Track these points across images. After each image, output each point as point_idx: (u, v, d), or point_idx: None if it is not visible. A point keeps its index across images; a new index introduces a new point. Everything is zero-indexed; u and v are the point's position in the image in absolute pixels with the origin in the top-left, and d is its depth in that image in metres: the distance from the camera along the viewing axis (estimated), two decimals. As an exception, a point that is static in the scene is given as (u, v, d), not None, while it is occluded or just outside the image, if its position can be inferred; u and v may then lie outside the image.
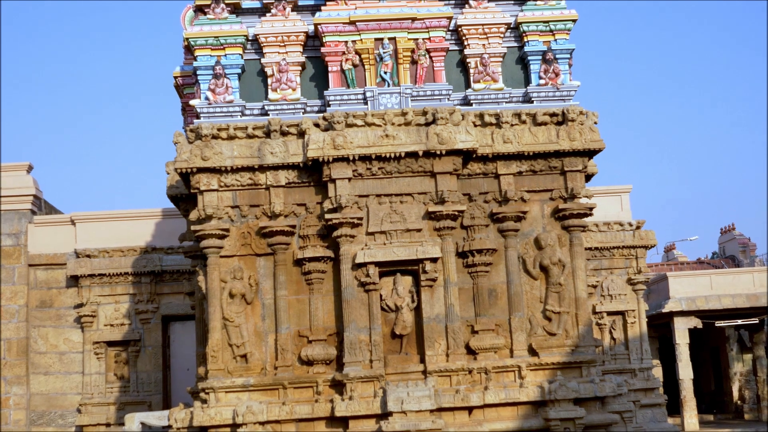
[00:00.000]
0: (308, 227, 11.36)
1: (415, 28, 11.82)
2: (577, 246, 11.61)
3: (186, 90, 14.33)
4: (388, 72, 11.80)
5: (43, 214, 20.67)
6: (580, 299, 11.49)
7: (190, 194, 12.02)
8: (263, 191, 11.41)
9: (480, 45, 12.06)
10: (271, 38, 11.85)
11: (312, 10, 12.19)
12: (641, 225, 20.59)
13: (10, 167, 20.33)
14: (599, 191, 20.73)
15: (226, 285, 11.25)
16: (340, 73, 11.83)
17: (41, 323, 19.76)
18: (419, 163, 11.25)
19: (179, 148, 11.35)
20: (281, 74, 11.77)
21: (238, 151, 11.27)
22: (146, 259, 19.33)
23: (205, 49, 11.86)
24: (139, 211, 20.55)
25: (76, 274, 19.19)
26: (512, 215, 11.46)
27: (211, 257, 11.27)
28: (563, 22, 12.10)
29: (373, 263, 11.07)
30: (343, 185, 11.18)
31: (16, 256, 19.86)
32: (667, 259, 43.21)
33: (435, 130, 11.15)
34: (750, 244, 40.16)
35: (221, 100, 11.71)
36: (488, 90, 11.94)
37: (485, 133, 11.48)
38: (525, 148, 11.45)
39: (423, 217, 11.32)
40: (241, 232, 11.40)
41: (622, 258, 20.39)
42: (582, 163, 11.65)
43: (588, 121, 11.65)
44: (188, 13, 13.96)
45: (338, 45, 11.77)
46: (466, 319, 11.36)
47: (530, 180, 11.67)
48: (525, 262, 11.55)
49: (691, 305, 29.40)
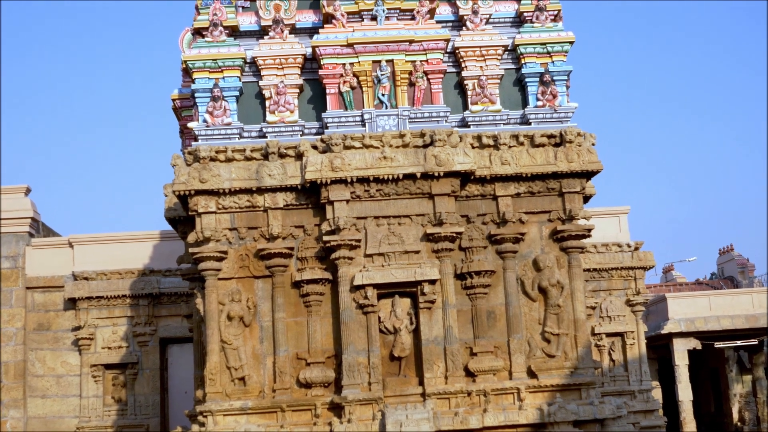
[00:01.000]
0: (306, 249, 11.34)
1: (413, 51, 11.85)
2: (576, 267, 11.60)
3: (184, 112, 14.34)
4: (385, 94, 11.82)
5: (41, 237, 20.65)
6: (578, 321, 11.46)
7: (188, 216, 12.00)
8: (261, 213, 11.40)
9: (477, 67, 12.08)
10: (269, 61, 11.87)
11: (310, 33, 12.22)
12: (639, 246, 20.58)
13: (9, 190, 20.32)
14: (597, 212, 20.74)
15: (224, 307, 11.22)
16: (338, 96, 11.84)
17: (39, 346, 19.69)
18: (417, 185, 11.25)
19: (177, 170, 11.35)
20: (279, 96, 11.78)
21: (236, 173, 11.27)
22: (144, 282, 19.30)
23: (203, 72, 11.88)
24: (137, 233, 20.53)
25: (74, 296, 19.15)
26: (510, 237, 11.45)
27: (209, 279, 11.25)
28: (560, 44, 12.13)
29: (371, 285, 11.04)
30: (341, 207, 11.17)
31: (13, 278, 19.82)
32: (666, 280, 43.17)
33: (433, 152, 11.16)
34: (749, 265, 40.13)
35: (219, 122, 11.72)
36: (486, 112, 11.96)
37: (483, 155, 11.49)
38: (523, 170, 11.45)
39: (421, 238, 11.31)
40: (239, 255, 11.38)
41: (620, 279, 20.37)
42: (580, 184, 11.65)
43: (586, 142, 11.66)
44: (186, 35, 13.99)
45: (336, 67, 11.79)
46: (464, 341, 11.32)
47: (528, 201, 11.66)
48: (523, 284, 11.53)
49: (690, 326, 29.32)
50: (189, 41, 13.78)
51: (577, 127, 11.82)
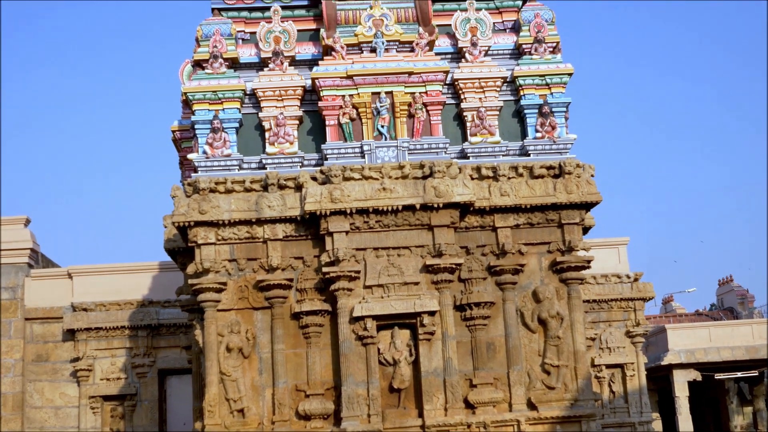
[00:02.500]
0: (306, 281, 11.33)
1: (412, 82, 11.90)
2: (575, 299, 11.58)
3: (184, 144, 14.39)
4: (385, 126, 11.85)
5: (40, 268, 20.64)
6: (578, 352, 11.44)
7: (187, 248, 12.00)
8: (261, 245, 11.40)
9: (476, 99, 12.13)
10: (269, 92, 11.92)
11: (309, 65, 12.28)
12: (639, 277, 20.58)
13: (8, 221, 20.33)
14: (597, 243, 20.73)
15: (223, 339, 11.19)
16: (337, 127, 11.88)
17: (37, 377, 19.63)
18: (416, 217, 11.26)
19: (177, 201, 11.36)
20: (279, 128, 11.82)
21: (235, 204, 11.28)
22: (143, 313, 19.27)
23: (203, 104, 11.92)
24: (136, 264, 20.52)
25: (73, 327, 19.12)
26: (510, 268, 11.45)
27: (209, 311, 11.23)
28: (559, 75, 12.18)
29: (370, 317, 11.03)
30: (341, 238, 11.18)
31: (12, 309, 19.79)
32: (666, 311, 43.13)
33: (432, 183, 11.18)
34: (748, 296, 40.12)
35: (219, 153, 11.75)
36: (485, 143, 11.99)
37: (482, 186, 11.51)
38: (522, 201, 11.47)
39: (420, 270, 11.30)
40: (238, 286, 11.37)
41: (620, 310, 20.35)
42: (579, 215, 11.66)
43: (585, 173, 11.68)
44: (186, 67, 14.07)
45: (335, 99, 11.84)
46: (464, 373, 11.29)
47: (528, 233, 11.67)
48: (523, 315, 11.52)
49: (690, 358, 29.28)
50: (189, 73, 13.86)
51: (576, 158, 11.85)
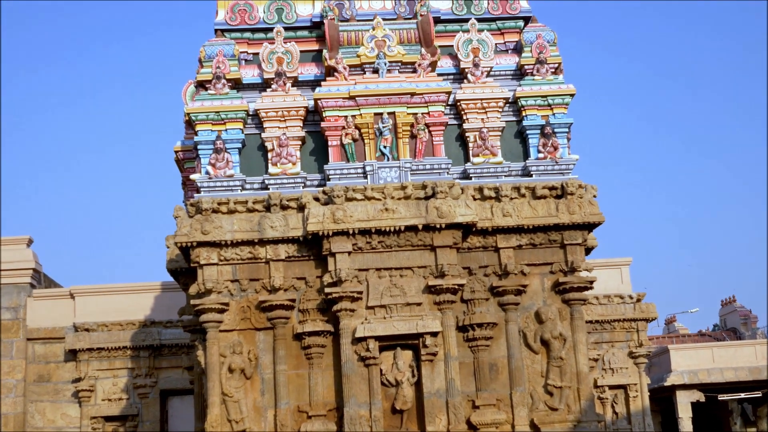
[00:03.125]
0: (308, 301, 11.32)
1: (415, 103, 11.92)
2: (578, 320, 11.56)
3: (186, 164, 14.40)
4: (387, 146, 11.86)
5: (42, 288, 20.64)
6: (581, 373, 11.41)
7: (189, 268, 12.00)
8: (263, 265, 11.40)
9: (479, 119, 12.15)
10: (272, 113, 11.95)
11: (312, 86, 12.31)
12: (642, 298, 20.55)
13: (10, 241, 20.35)
14: (599, 264, 20.72)
15: (225, 359, 11.17)
16: (339, 147, 11.89)
17: (39, 398, 19.59)
18: (419, 237, 11.26)
19: (179, 222, 11.37)
20: (281, 148, 11.84)
21: (238, 225, 11.28)
22: (145, 333, 19.25)
23: (206, 124, 11.94)
24: (138, 284, 20.52)
25: (75, 348, 19.10)
26: (512, 289, 11.44)
27: (211, 331, 11.22)
28: (561, 96, 12.20)
29: (373, 337, 11.01)
30: (343, 259, 11.17)
31: (14, 329, 19.77)
32: (668, 332, 43.02)
33: (434, 203, 11.18)
34: (751, 317, 40.01)
35: (222, 174, 11.76)
36: (487, 164, 12.00)
37: (485, 207, 11.51)
38: (525, 222, 11.47)
39: (423, 290, 11.29)
40: (240, 306, 11.36)
41: (623, 331, 20.32)
42: (582, 236, 11.66)
43: (587, 194, 11.69)
44: (189, 88, 14.10)
45: (338, 119, 11.86)
46: (467, 394, 11.26)
47: (530, 253, 11.66)
48: (526, 336, 11.50)
49: (693, 378, 29.19)
50: (192, 93, 13.89)
51: (578, 179, 11.85)
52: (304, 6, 12.68)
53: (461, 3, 12.73)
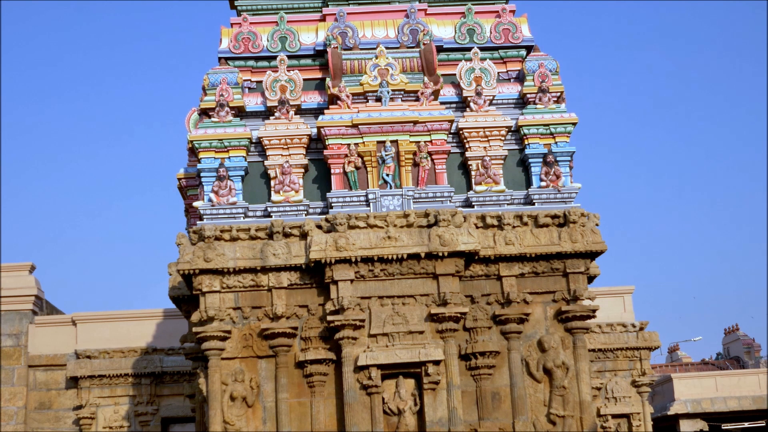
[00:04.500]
0: (310, 329, 11.31)
1: (417, 131, 11.95)
2: (581, 348, 11.54)
3: (189, 191, 14.42)
4: (390, 174, 11.89)
5: (44, 314, 20.63)
6: (584, 402, 11.36)
7: (192, 295, 12.00)
8: (265, 293, 11.39)
9: (481, 148, 12.17)
10: (275, 141, 11.98)
11: (315, 114, 12.35)
12: (644, 326, 20.50)
13: (13, 267, 20.37)
14: (602, 292, 20.68)
15: (227, 387, 11.15)
16: (342, 175, 11.92)
17: (39, 425, 19.52)
18: (421, 265, 11.26)
19: (182, 249, 11.38)
20: (284, 176, 11.86)
21: (240, 252, 11.29)
22: (147, 360, 19.22)
23: (209, 152, 11.98)
24: (140, 311, 20.51)
25: (76, 375, 19.05)
26: (515, 317, 11.42)
27: (213, 359, 11.20)
28: (563, 125, 12.23)
29: (375, 366, 10.98)
30: (345, 287, 11.17)
31: (16, 356, 19.74)
32: (671, 360, 42.89)
33: (437, 232, 11.19)
34: (755, 345, 39.89)
35: (224, 201, 11.78)
36: (490, 192, 12.01)
37: (487, 235, 11.52)
38: (527, 250, 11.47)
39: (425, 319, 11.28)
40: (242, 334, 11.35)
41: (626, 360, 20.26)
42: (584, 264, 11.65)
43: (590, 223, 11.69)
44: (193, 115, 14.14)
45: (341, 147, 11.89)
46: (469, 423, 11.21)
47: (533, 282, 11.66)
48: (528, 365, 11.47)
49: (696, 407, 29.07)
50: (195, 121, 13.93)
51: (580, 207, 11.86)
52: (308, 34, 12.76)
53: (464, 32, 12.79)
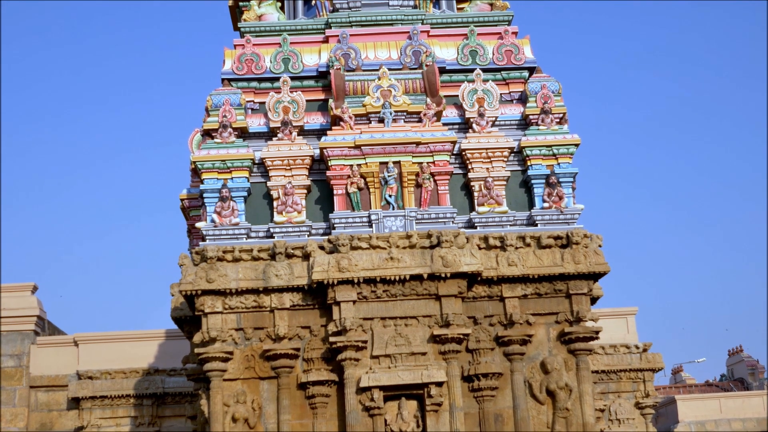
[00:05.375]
0: (312, 350, 11.28)
1: (420, 152, 11.96)
2: (584, 370, 11.50)
3: (192, 212, 14.43)
4: (392, 195, 11.89)
5: (46, 335, 20.59)
6: (587, 424, 11.31)
7: (194, 316, 11.98)
8: (268, 314, 11.37)
9: (484, 169, 12.17)
10: (278, 162, 11.99)
11: (318, 135, 12.36)
12: (648, 347, 20.44)
13: (15, 288, 20.35)
14: (605, 313, 20.63)
15: (229, 409, 11.10)
16: (345, 196, 11.92)
17: (41, 446, 19.45)
18: (424, 286, 11.23)
19: (184, 270, 11.37)
20: (287, 197, 11.86)
21: (243, 273, 11.28)
22: (148, 381, 19.17)
23: (211, 172, 11.98)
24: (142, 332, 20.48)
25: (78, 396, 19.01)
26: (518, 339, 11.39)
27: (215, 380, 11.16)
28: (566, 146, 12.23)
29: (377, 387, 10.94)
30: (348, 308, 11.15)
31: (17, 377, 19.69)
32: (675, 382, 42.75)
33: (440, 253, 11.17)
34: (759, 366, 39.78)
35: (227, 222, 11.78)
36: (492, 213, 12.00)
37: (490, 256, 11.50)
38: (530, 271, 11.45)
39: (428, 340, 11.24)
40: (244, 355, 11.32)
41: (629, 381, 20.19)
42: (587, 286, 11.62)
43: (592, 244, 11.67)
44: (196, 136, 14.17)
45: (343, 168, 11.89)
46: (472, 445, 11.16)
47: (535, 303, 11.63)
48: (531, 387, 11.42)
49: (700, 429, 28.93)
50: (198, 142, 13.95)
51: (583, 228, 11.85)
52: (311, 56, 12.79)
53: (466, 53, 12.81)
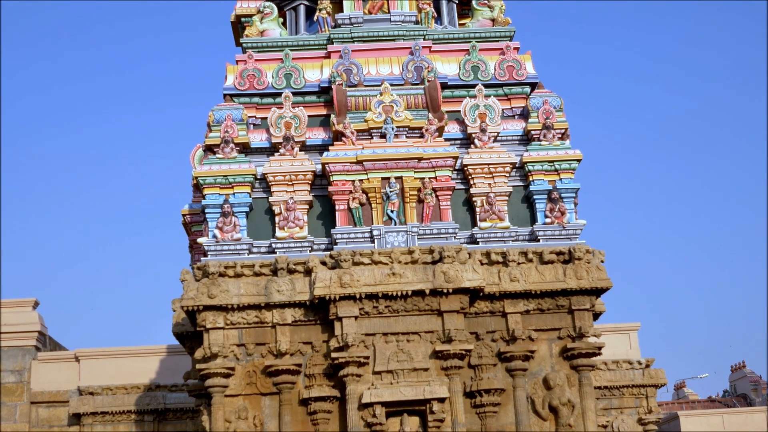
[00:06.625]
0: (314, 366, 11.25)
1: (422, 168, 11.95)
2: (587, 386, 11.46)
3: (194, 227, 14.42)
4: (394, 210, 11.88)
5: (47, 351, 20.53)
6: (590, 441, 11.26)
7: (195, 332, 11.95)
8: (269, 329, 11.35)
9: (486, 184, 12.16)
10: (279, 177, 11.98)
11: (320, 150, 12.36)
12: (650, 363, 20.37)
13: (16, 303, 20.30)
14: (607, 329, 20.56)
15: (230, 425, 11.07)
16: (347, 212, 11.91)
17: (41, 463, 19.37)
18: (426, 302, 11.21)
19: (186, 285, 11.35)
20: (289, 212, 11.85)
21: (244, 288, 11.26)
22: (150, 397, 19.12)
23: (213, 188, 11.98)
24: (143, 347, 20.42)
25: (79, 411, 18.95)
26: (520, 354, 11.35)
27: (216, 396, 11.13)
28: (568, 161, 12.23)
29: (379, 403, 10.90)
30: (350, 323, 11.12)
31: (18, 393, 19.63)
32: (678, 397, 42.57)
33: (442, 268, 11.15)
34: (761, 382, 39.62)
35: (229, 237, 11.77)
36: (494, 228, 11.99)
37: (492, 272, 11.48)
38: (532, 287, 11.42)
39: (430, 356, 11.21)
40: (246, 371, 11.29)
41: (632, 397, 20.11)
42: (589, 301, 11.60)
43: (595, 259, 11.65)
44: (197, 152, 14.16)
45: (345, 184, 11.88)
46: (474, 461, 11.11)
47: (538, 319, 11.60)
48: (534, 403, 11.38)
49: (703, 445, 28.80)
50: (200, 157, 13.95)
51: (585, 243, 11.83)
52: (313, 71, 12.80)
53: (468, 69, 12.82)
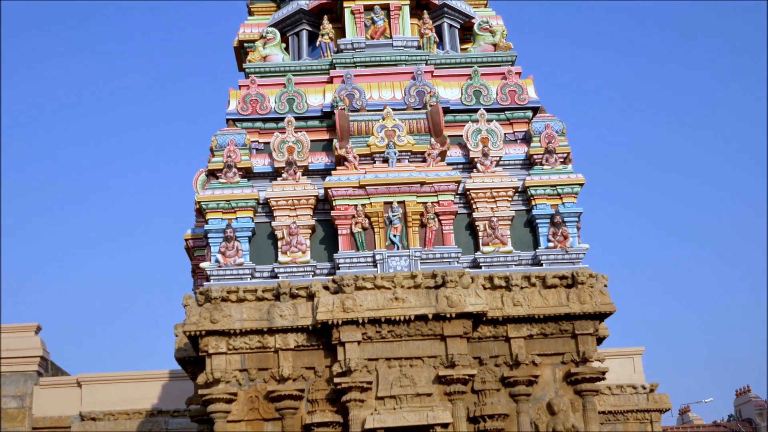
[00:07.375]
0: (317, 391, 11.20)
1: (424, 192, 11.95)
2: (591, 411, 11.40)
3: (197, 252, 14.40)
4: (397, 235, 11.87)
5: (49, 375, 20.49)
6: (594, 466, 11.20)
7: (198, 357, 11.92)
8: (272, 354, 11.31)
9: (488, 208, 12.16)
10: (282, 202, 11.98)
11: (322, 175, 12.37)
12: (655, 388, 20.29)
13: (18, 328, 20.28)
14: (611, 353, 20.49)
15: (232, 451, 11.02)
16: (349, 236, 11.90)
17: (43, 489, 19.29)
18: (429, 326, 11.18)
19: (188, 310, 11.33)
20: (291, 237, 11.85)
21: (247, 313, 11.23)
22: (152, 422, 19.06)
23: (216, 213, 11.98)
24: (145, 372, 20.37)
25: (81, 437, 18.87)
26: (524, 379, 11.30)
27: (218, 422, 11.08)
28: (570, 186, 12.22)
29: (382, 429, 10.85)
30: (353, 348, 11.09)
31: (20, 418, 19.57)
32: (683, 422, 42.38)
33: (445, 293, 11.13)
34: (767, 407, 39.43)
35: (231, 262, 11.75)
36: (497, 253, 11.97)
37: (495, 296, 11.45)
38: (535, 311, 11.39)
39: (433, 381, 11.17)
40: (248, 396, 11.24)
41: (636, 422, 20.02)
42: (593, 326, 11.56)
43: (598, 284, 11.62)
44: (200, 176, 14.18)
45: (348, 208, 11.88)
46: (478, 487, 11.04)
47: (541, 343, 11.56)
48: (538, 428, 11.33)
49: (708, 470, 28.69)
50: (203, 182, 13.96)
51: (588, 268, 11.81)
52: (315, 96, 12.83)
53: (470, 93, 12.85)
